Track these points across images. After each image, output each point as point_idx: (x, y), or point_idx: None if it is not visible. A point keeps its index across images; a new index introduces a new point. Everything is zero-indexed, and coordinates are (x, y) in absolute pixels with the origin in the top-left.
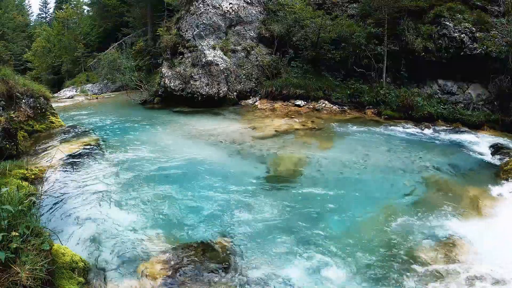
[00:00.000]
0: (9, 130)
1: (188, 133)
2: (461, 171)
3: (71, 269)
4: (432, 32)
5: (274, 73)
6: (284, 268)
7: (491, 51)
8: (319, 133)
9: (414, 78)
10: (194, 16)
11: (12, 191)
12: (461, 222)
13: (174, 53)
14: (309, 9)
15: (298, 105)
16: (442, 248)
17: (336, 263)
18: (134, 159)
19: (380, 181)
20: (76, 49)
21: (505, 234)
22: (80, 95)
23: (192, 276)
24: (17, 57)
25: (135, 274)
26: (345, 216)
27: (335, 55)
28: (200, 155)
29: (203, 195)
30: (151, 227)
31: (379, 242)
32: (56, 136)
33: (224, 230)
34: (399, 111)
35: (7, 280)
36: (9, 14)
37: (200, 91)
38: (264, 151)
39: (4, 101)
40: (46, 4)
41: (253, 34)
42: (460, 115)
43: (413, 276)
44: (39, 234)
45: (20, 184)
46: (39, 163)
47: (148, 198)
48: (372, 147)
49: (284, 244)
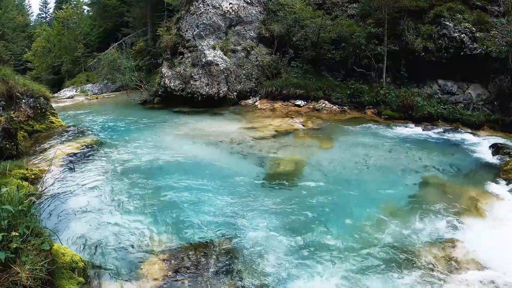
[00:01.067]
0: (9, 130)
1: (188, 133)
2: (461, 171)
3: (71, 269)
4: (432, 32)
5: (274, 73)
6: (284, 269)
7: (491, 51)
8: (319, 133)
9: (414, 78)
10: (194, 16)
11: (12, 191)
12: (461, 223)
13: (174, 53)
14: (309, 9)
15: (298, 105)
16: (442, 249)
17: (336, 264)
18: (134, 159)
19: (380, 181)
20: (76, 49)
21: (505, 234)
22: (80, 95)
23: (192, 277)
24: (17, 57)
25: (135, 274)
26: (345, 216)
27: (335, 55)
28: (200, 155)
29: (203, 195)
30: (151, 227)
31: (379, 243)
32: (56, 136)
33: (224, 230)
34: (399, 111)
35: (7, 280)
36: (9, 14)
37: (200, 91)
38: (264, 151)
39: (4, 101)
40: (46, 4)
41: (253, 34)
42: (460, 115)
43: (413, 276)
44: (39, 234)
45: (20, 184)
46: (39, 163)
47: (148, 198)
48: (372, 147)
49: (285, 244)
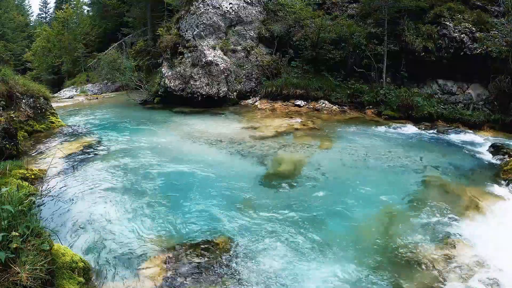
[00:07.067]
0: (9, 130)
1: (188, 133)
2: (461, 171)
3: (71, 269)
4: (432, 32)
5: (274, 73)
6: (284, 269)
7: (491, 51)
8: (319, 133)
9: (414, 78)
10: (194, 16)
11: (12, 191)
12: (461, 223)
13: (174, 53)
14: (309, 9)
15: (298, 105)
16: (442, 249)
17: (336, 264)
18: (134, 159)
19: (380, 181)
20: (76, 49)
21: (505, 235)
22: (80, 95)
23: (192, 277)
24: (17, 57)
25: (135, 274)
26: (345, 216)
27: (335, 55)
28: (200, 155)
29: (202, 195)
30: (151, 227)
31: (379, 243)
32: (56, 136)
33: (225, 230)
34: (399, 111)
35: (7, 280)
36: (9, 14)
37: (200, 91)
38: (264, 151)
39: (4, 101)
40: (46, 4)
41: (253, 34)
42: (460, 115)
43: (413, 276)
44: (39, 234)
45: (20, 184)
46: (39, 163)
47: (148, 198)
48: (372, 147)
49: (285, 244)
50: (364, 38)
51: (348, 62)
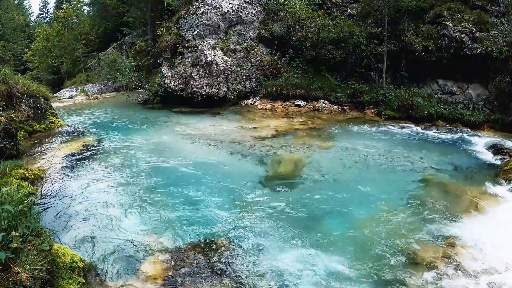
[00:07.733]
0: (9, 130)
1: (188, 133)
2: (461, 171)
3: (71, 269)
4: (432, 32)
5: (274, 73)
6: (284, 269)
7: (491, 51)
8: (319, 133)
9: (414, 78)
10: (194, 16)
11: (12, 191)
12: (461, 223)
13: (174, 53)
14: (309, 9)
15: (298, 105)
16: (442, 249)
17: (336, 264)
18: (134, 159)
19: (380, 181)
20: (76, 49)
21: (505, 235)
22: (80, 95)
23: (192, 277)
24: (17, 57)
25: (135, 274)
26: (345, 216)
27: (335, 55)
28: (200, 155)
29: (203, 195)
30: (151, 227)
31: (379, 243)
32: (56, 136)
33: (225, 230)
34: (399, 111)
35: (7, 280)
36: (9, 14)
37: (200, 91)
38: (264, 151)
39: (4, 101)
40: (46, 4)
41: (253, 34)
42: (460, 115)
43: (413, 276)
44: (39, 234)
45: (20, 184)
46: (39, 163)
47: (147, 198)
48: (372, 147)
49: (285, 245)
50: (364, 38)
51: (348, 62)
